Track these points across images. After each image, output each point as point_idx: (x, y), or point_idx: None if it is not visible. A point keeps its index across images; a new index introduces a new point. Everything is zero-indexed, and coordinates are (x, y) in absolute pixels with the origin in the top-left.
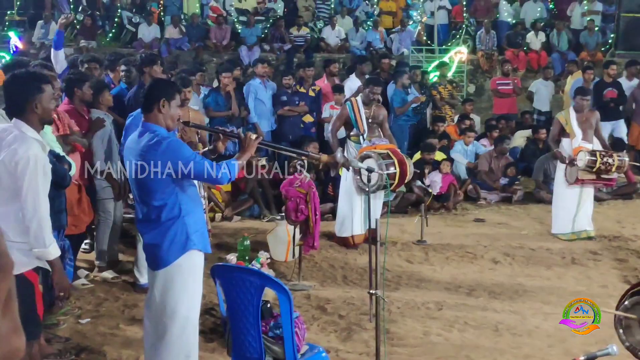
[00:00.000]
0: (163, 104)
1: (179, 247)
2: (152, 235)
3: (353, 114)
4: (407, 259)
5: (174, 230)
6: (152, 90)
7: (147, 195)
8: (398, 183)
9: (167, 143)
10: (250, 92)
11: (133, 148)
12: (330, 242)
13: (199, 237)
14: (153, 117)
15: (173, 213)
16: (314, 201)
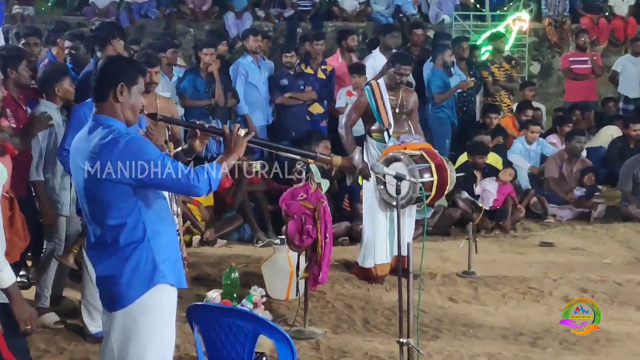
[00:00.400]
0: (121, 91)
1: (143, 280)
2: (107, 265)
3: (374, 101)
4: (449, 297)
5: (136, 257)
6: (106, 73)
7: (100, 212)
8: (436, 195)
9: (126, 141)
10: (240, 73)
11: (81, 149)
12: (346, 273)
13: (170, 267)
14: (108, 108)
15: (135, 235)
16: (324, 219)
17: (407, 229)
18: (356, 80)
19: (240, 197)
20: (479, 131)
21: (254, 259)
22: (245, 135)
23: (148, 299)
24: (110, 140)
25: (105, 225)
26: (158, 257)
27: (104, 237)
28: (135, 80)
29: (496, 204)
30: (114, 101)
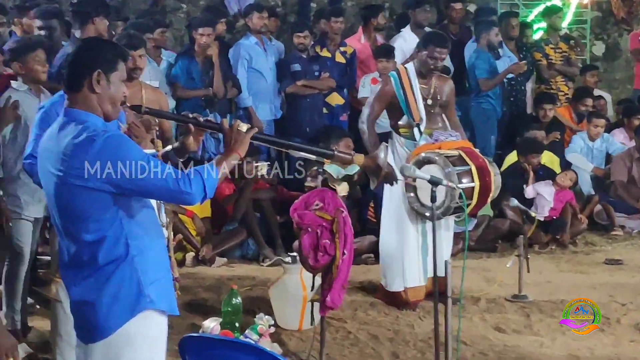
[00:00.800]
0: (97, 79)
1: (126, 306)
2: (83, 288)
3: (401, 91)
4: (496, 326)
5: (117, 279)
6: (80, 58)
7: (74, 225)
8: (478, 203)
9: (104, 140)
10: (242, 57)
11: (51, 150)
12: (371, 297)
13: (158, 290)
14: (82, 100)
15: (116, 252)
16: (343, 232)
17: (445, 244)
18: (384, 65)
19: (243, 206)
20: (531, 125)
21: (260, 281)
22: (248, 130)
23: (132, 328)
24: (85, 139)
25: (80, 241)
26: (144, 277)
27: (80, 255)
28: (115, 65)
29: (552, 213)
30: (89, 92)
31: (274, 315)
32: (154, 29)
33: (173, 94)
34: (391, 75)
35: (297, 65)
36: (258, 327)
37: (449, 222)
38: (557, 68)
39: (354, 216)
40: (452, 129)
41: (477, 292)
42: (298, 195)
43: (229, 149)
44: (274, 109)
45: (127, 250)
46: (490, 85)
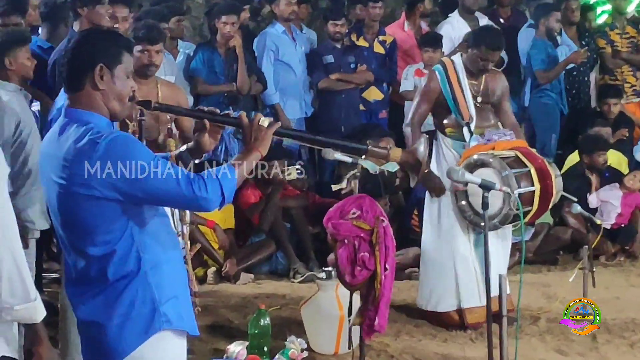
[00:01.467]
0: (100, 74)
1: (139, 327)
2: (92, 307)
3: (448, 87)
4: (557, 348)
5: (129, 296)
6: (79, 53)
7: (81, 238)
8: (539, 209)
9: (108, 142)
10: (267, 48)
11: (52, 155)
12: (415, 319)
13: (175, 308)
14: (85, 100)
15: (127, 267)
16: (384, 244)
17: (500, 256)
18: (430, 56)
19: (270, 216)
20: (595, 121)
21: (291, 300)
22: (270, 125)
23: (147, 351)
24: (87, 142)
25: (87, 255)
26: (158, 294)
27: (87, 271)
28: (119, 58)
29: (620, 220)
30: (92, 89)
31: (307, 338)
32: (169, 17)
33: (192, 89)
34: (436, 70)
35: (331, 57)
36: (289, 352)
37: (505, 232)
38: (623, 57)
39: (395, 226)
40: (507, 128)
41: (536, 310)
42: (332, 202)
43: (248, 146)
44: (304, 105)
45: (139, 265)
46: (549, 77)
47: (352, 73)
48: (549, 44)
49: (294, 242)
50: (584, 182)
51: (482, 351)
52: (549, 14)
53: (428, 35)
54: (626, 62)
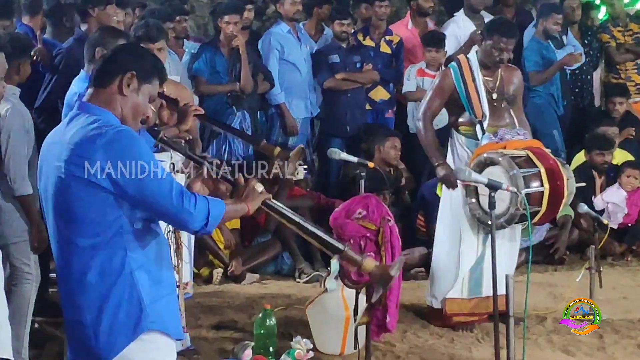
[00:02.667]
0: (129, 81)
1: (126, 327)
2: (77, 306)
3: (462, 84)
4: (564, 348)
5: (116, 296)
6: (118, 56)
7: (69, 227)
8: (548, 210)
9: (114, 133)
10: (273, 48)
11: (55, 142)
12: (422, 319)
13: (161, 310)
14: (104, 98)
15: (113, 264)
16: (390, 244)
17: (507, 257)
18: (432, 56)
19: None
20: (602, 121)
21: (297, 300)
22: (261, 194)
23: (135, 352)
24: (94, 129)
25: (74, 246)
26: (144, 294)
27: (74, 265)
28: (150, 78)
29: (627, 220)
30: (116, 91)
31: (313, 338)
32: (174, 17)
33: (196, 89)
34: (451, 67)
35: (336, 57)
36: (295, 352)
37: (515, 232)
38: (627, 47)
39: (401, 226)
40: (520, 126)
41: (543, 310)
42: (338, 202)
43: (239, 199)
44: (309, 105)
45: (126, 263)
46: (541, 79)
47: (358, 73)
48: (544, 45)
49: (300, 242)
50: (591, 181)
51: (488, 351)
52: (549, 15)
53: (431, 35)
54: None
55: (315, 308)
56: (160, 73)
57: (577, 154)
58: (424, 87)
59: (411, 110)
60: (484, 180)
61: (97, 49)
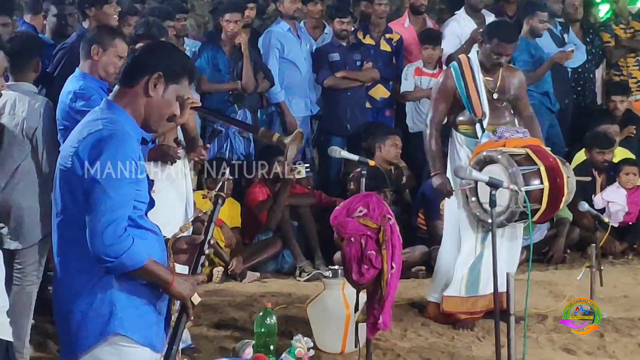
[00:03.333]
0: (156, 81)
1: (96, 325)
2: (59, 296)
3: (463, 84)
4: (565, 346)
5: (90, 294)
6: (146, 55)
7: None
8: (547, 209)
9: (108, 135)
10: (273, 46)
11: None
12: (422, 316)
13: (134, 318)
14: (129, 97)
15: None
16: (391, 242)
17: (507, 255)
18: (429, 53)
19: (278, 213)
20: (603, 119)
21: (297, 298)
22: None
23: (103, 353)
24: (94, 125)
25: (63, 238)
26: (119, 298)
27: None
28: (179, 78)
29: (628, 218)
30: (141, 92)
31: (313, 337)
32: (174, 15)
33: (197, 87)
34: (452, 66)
35: (336, 55)
36: (296, 351)
37: (516, 231)
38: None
39: (402, 224)
40: (524, 125)
41: (544, 308)
42: (339, 200)
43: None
44: (309, 103)
45: None
46: (532, 78)
47: (358, 71)
48: (532, 43)
49: (301, 240)
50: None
51: (489, 350)
52: (533, 14)
53: (427, 32)
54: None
55: (316, 306)
56: (190, 72)
57: (577, 153)
58: (422, 86)
59: (410, 109)
60: (484, 178)
61: (94, 46)
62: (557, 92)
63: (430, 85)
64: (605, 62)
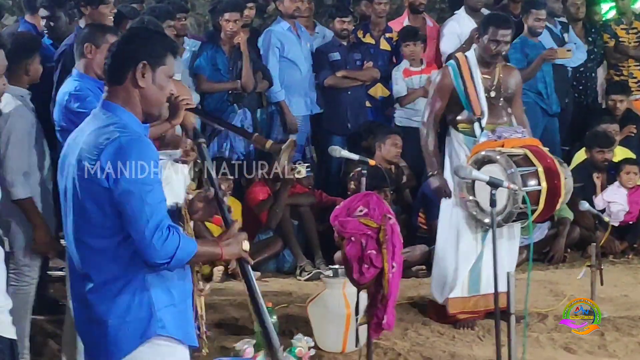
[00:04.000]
0: (143, 71)
1: (135, 329)
2: (90, 306)
3: (461, 82)
4: (566, 346)
5: (126, 298)
6: (125, 48)
7: (84, 227)
8: (545, 209)
9: (127, 142)
10: (273, 46)
11: (77, 143)
12: (422, 315)
13: (172, 316)
14: (123, 94)
15: (129, 268)
16: (391, 242)
17: (507, 255)
18: (411, 50)
19: (278, 212)
20: (603, 118)
21: (298, 298)
22: (244, 251)
23: (143, 356)
24: (108, 132)
25: (89, 247)
26: (156, 299)
27: (88, 267)
28: (163, 59)
29: (628, 218)
30: (132, 86)
31: (314, 336)
32: (174, 14)
33: (197, 87)
34: (449, 65)
35: (337, 54)
36: (296, 350)
37: (514, 230)
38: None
39: (402, 223)
40: (519, 125)
41: (544, 308)
42: (339, 200)
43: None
44: (309, 103)
45: (139, 267)
46: (524, 77)
47: (358, 70)
48: (530, 42)
49: (301, 239)
50: (590, 180)
51: (489, 349)
52: (529, 12)
53: (406, 30)
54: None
55: (317, 306)
56: (172, 48)
57: (577, 152)
58: (414, 85)
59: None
60: (485, 178)
61: (86, 44)
62: (557, 92)
63: (422, 82)
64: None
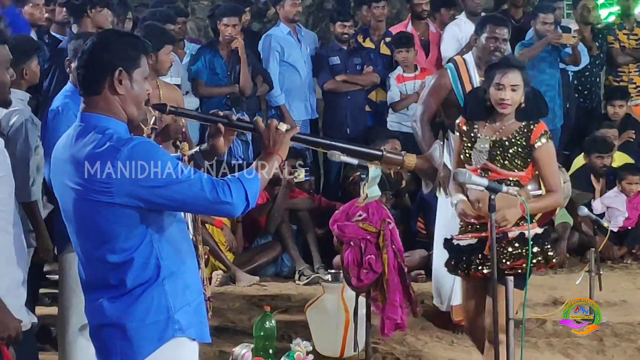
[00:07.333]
0: (120, 78)
1: (153, 333)
2: (107, 311)
3: (459, 84)
4: (564, 351)
5: (145, 303)
6: (98, 56)
7: (97, 246)
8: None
9: (130, 148)
10: (273, 50)
11: (66, 161)
12: (422, 320)
13: (188, 316)
14: (102, 104)
15: (145, 274)
16: (391, 247)
17: None
18: (403, 56)
19: (277, 217)
20: (602, 123)
21: (296, 302)
22: (288, 130)
23: (160, 358)
24: (108, 148)
25: (105, 263)
26: (173, 302)
27: (105, 278)
28: (137, 61)
29: (627, 223)
30: (110, 93)
31: (313, 341)
32: (175, 18)
33: (195, 91)
34: (448, 67)
35: (337, 58)
36: (295, 354)
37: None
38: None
39: (401, 228)
40: None
41: (543, 313)
42: (338, 204)
43: (268, 150)
44: (309, 107)
45: (158, 273)
46: (524, 55)
47: (358, 75)
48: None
49: (300, 244)
50: (590, 184)
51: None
52: (536, 16)
53: (398, 36)
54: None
55: (315, 310)
56: (143, 49)
57: (577, 157)
58: (407, 91)
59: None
60: (484, 183)
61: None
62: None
63: (415, 88)
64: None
